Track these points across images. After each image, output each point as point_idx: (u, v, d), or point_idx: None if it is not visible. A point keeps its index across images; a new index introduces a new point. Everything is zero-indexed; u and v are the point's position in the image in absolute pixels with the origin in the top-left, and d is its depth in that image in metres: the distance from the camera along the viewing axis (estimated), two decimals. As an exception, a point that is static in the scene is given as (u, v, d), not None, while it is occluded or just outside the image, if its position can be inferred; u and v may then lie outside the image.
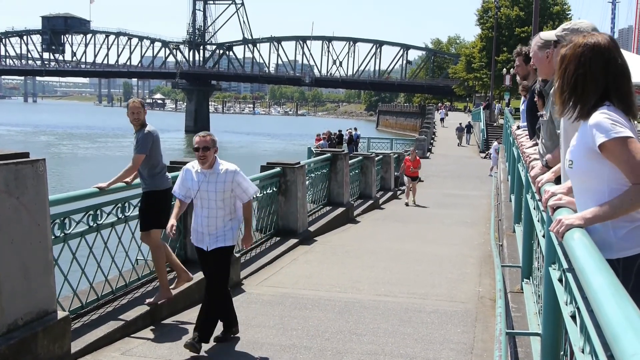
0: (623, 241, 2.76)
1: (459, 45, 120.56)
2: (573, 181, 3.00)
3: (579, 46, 2.90)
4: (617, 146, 2.69)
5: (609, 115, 2.76)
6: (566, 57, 2.93)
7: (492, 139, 43.28)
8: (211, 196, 6.08)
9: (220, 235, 6.12)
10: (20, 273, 4.96)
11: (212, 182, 6.07)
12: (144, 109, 6.97)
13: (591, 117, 2.81)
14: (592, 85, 2.85)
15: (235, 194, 6.18)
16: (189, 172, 6.21)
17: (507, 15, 72.59)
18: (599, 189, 2.81)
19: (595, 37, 2.92)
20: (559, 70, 2.97)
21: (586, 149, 2.82)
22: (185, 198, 6.27)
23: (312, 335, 6.41)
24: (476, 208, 17.93)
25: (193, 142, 6.07)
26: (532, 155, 5.07)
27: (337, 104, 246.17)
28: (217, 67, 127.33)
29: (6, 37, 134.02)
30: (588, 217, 2.73)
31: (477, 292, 8.29)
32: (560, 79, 2.96)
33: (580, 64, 2.87)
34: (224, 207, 6.12)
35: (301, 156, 27.06)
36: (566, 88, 2.91)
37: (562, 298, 3.13)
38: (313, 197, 13.91)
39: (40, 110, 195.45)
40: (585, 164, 2.85)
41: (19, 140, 72.24)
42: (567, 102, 2.91)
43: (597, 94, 2.84)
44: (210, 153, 6.02)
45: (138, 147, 6.76)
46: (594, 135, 2.75)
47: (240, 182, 6.15)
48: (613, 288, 1.83)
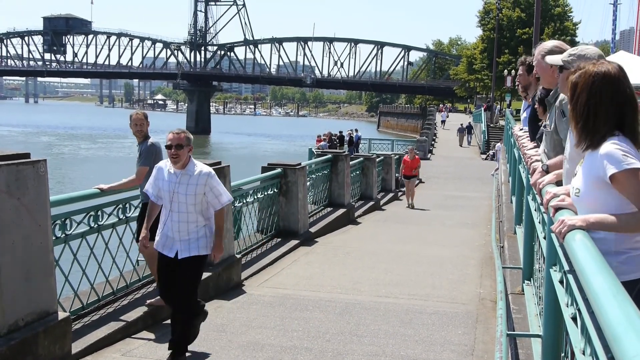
0: (624, 265, 2.77)
1: (460, 46, 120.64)
2: (580, 209, 2.99)
3: (590, 75, 2.89)
4: (628, 178, 2.70)
5: (620, 146, 2.77)
6: (578, 86, 2.92)
7: (493, 140, 43.37)
8: (182, 199, 5.65)
9: (194, 242, 5.69)
10: (21, 274, 4.96)
11: (184, 183, 5.67)
12: (147, 120, 6.97)
13: (602, 147, 2.81)
14: (604, 115, 2.85)
15: (207, 199, 5.74)
16: (161, 171, 5.81)
17: (509, 17, 72.57)
18: None
19: (605, 66, 2.92)
20: (571, 100, 2.97)
21: (595, 178, 2.83)
22: (157, 199, 5.83)
23: (312, 337, 6.41)
24: (477, 209, 17.93)
25: (166, 139, 5.70)
26: (534, 157, 5.07)
27: (338, 105, 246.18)
28: (219, 68, 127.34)
29: (7, 38, 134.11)
30: (591, 221, 2.73)
31: (478, 293, 8.29)
32: (572, 109, 2.96)
33: (591, 93, 2.87)
34: (196, 211, 5.69)
35: (302, 157, 27.06)
36: (579, 119, 2.91)
37: (562, 299, 3.13)
38: (314, 198, 13.91)
39: (41, 111, 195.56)
40: (594, 194, 2.86)
41: (20, 141, 72.29)
42: (581, 133, 2.91)
43: (608, 124, 2.84)
44: (183, 152, 5.64)
45: (142, 160, 6.77)
46: (604, 165, 2.76)
47: (213, 187, 5.74)
48: (614, 289, 1.83)
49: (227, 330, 6.55)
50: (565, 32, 70.39)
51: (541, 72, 4.75)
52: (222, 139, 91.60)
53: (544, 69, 4.65)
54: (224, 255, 8.23)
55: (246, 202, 9.86)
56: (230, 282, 8.30)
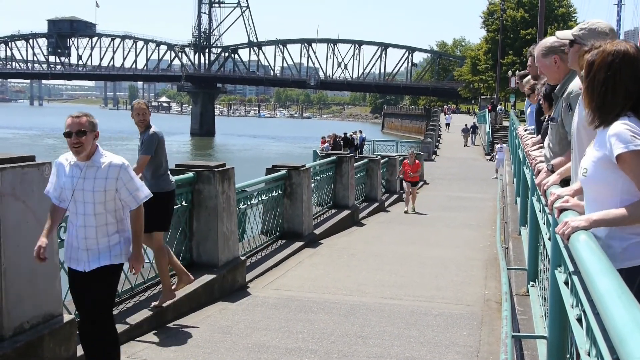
0: (628, 252, 2.75)
1: (464, 47, 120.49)
2: (586, 190, 2.97)
3: (608, 54, 2.83)
4: (634, 159, 2.66)
5: (630, 126, 2.72)
6: (595, 65, 2.86)
7: (498, 141, 43.33)
8: (88, 197, 4.68)
9: (104, 251, 4.73)
10: (27, 276, 4.97)
11: (90, 178, 4.68)
12: (149, 110, 6.98)
13: (611, 126, 2.77)
14: (622, 94, 2.79)
15: (120, 197, 4.77)
16: (62, 167, 4.81)
17: (513, 18, 72.51)
18: (612, 199, 2.79)
19: (622, 44, 2.86)
20: (586, 78, 2.90)
21: (602, 158, 2.80)
22: (60, 201, 4.80)
23: (317, 339, 6.41)
24: (481, 211, 17.91)
25: (64, 126, 4.70)
26: (538, 158, 5.06)
27: (343, 107, 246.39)
28: (223, 70, 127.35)
29: (12, 41, 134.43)
30: (594, 219, 2.72)
31: (482, 294, 8.28)
32: (588, 87, 2.90)
33: (609, 72, 2.81)
34: (107, 212, 4.74)
35: (306, 159, 27.06)
36: (595, 97, 2.85)
37: (568, 301, 3.12)
38: (318, 199, 13.91)
39: (46, 114, 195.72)
40: (600, 174, 2.82)
41: (25, 144, 72.45)
42: (596, 111, 2.86)
43: (625, 103, 2.79)
44: (87, 139, 4.66)
45: (143, 149, 6.77)
46: (612, 144, 2.72)
47: (127, 181, 4.75)
48: (619, 290, 1.82)
49: (232, 332, 6.55)
50: (569, 33, 70.23)
51: (544, 70, 4.73)
52: (227, 140, 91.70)
53: (547, 66, 4.63)
54: (229, 256, 8.26)
55: (251, 204, 9.87)
56: (235, 284, 8.31)
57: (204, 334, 6.47)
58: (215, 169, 8.08)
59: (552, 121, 4.56)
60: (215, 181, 7.99)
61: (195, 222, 8.10)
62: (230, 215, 8.37)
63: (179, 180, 7.70)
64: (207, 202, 8.04)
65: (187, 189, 7.95)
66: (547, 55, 4.59)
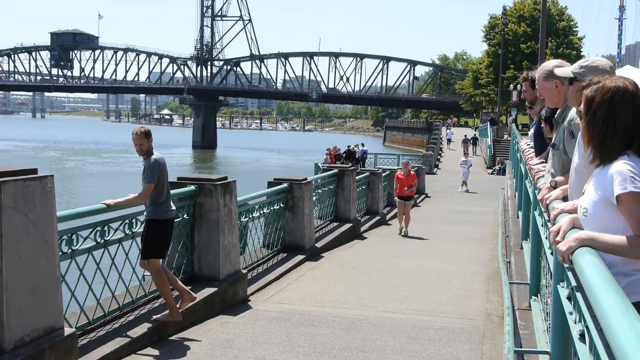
0: (632, 286, 2.72)
1: (465, 61, 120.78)
2: (587, 229, 2.95)
3: (608, 90, 2.81)
4: (632, 200, 2.65)
5: (632, 166, 2.70)
6: (594, 101, 2.84)
7: (499, 155, 43.42)
8: None
9: None
10: (28, 289, 4.97)
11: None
12: (148, 137, 6.86)
13: (613, 166, 2.75)
14: (621, 131, 2.78)
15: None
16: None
17: (514, 31, 72.70)
18: None
19: (622, 81, 2.85)
20: (586, 114, 2.89)
21: (602, 199, 2.78)
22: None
23: (318, 353, 6.38)
24: (483, 224, 17.88)
25: None
26: (541, 172, 5.06)
27: (344, 120, 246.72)
28: (225, 82, 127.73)
29: (15, 53, 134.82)
30: (582, 237, 2.69)
31: (484, 309, 8.25)
32: (588, 125, 2.88)
33: (610, 109, 2.79)
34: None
35: (308, 172, 27.07)
36: (596, 135, 2.83)
37: (570, 316, 3.11)
38: (320, 213, 13.90)
39: (48, 126, 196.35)
40: (601, 214, 2.80)
41: (28, 156, 72.57)
42: (598, 149, 2.84)
43: (625, 141, 2.78)
44: None
45: (147, 177, 6.73)
46: (612, 185, 2.70)
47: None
48: (623, 307, 1.81)
49: (233, 346, 6.53)
50: (571, 46, 70.51)
51: (545, 93, 4.73)
52: (228, 153, 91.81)
53: (548, 90, 4.63)
54: (230, 270, 8.24)
55: (252, 217, 9.86)
56: (236, 297, 8.29)
57: (205, 347, 6.45)
58: (217, 182, 8.08)
59: (554, 147, 4.56)
60: (217, 194, 7.99)
61: (197, 235, 8.09)
62: (231, 228, 8.36)
63: (181, 193, 7.70)
64: (208, 215, 8.04)
65: (188, 202, 7.94)
66: (548, 78, 4.59)
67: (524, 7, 75.03)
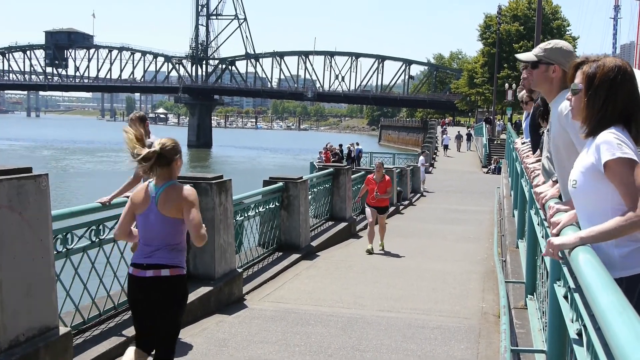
0: (626, 260, 2.72)
1: (461, 60, 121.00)
2: (576, 201, 2.96)
3: (610, 69, 2.84)
4: (620, 166, 2.66)
5: (617, 135, 2.73)
6: (596, 78, 2.86)
7: (495, 154, 43.49)
8: None
9: None
10: (23, 289, 4.95)
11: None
12: (142, 122, 6.81)
13: (599, 135, 2.77)
14: (618, 109, 2.81)
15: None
16: None
17: (508, 31, 72.82)
18: (602, 209, 2.77)
19: (619, 61, 2.90)
20: (586, 91, 2.90)
21: (591, 168, 2.79)
22: None
23: (314, 352, 6.38)
24: (479, 223, 17.89)
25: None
26: (537, 171, 5.06)
27: (340, 119, 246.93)
28: (220, 81, 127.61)
29: (10, 52, 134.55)
30: (581, 236, 2.70)
31: (480, 307, 8.26)
32: (589, 101, 2.88)
33: (612, 88, 2.82)
34: None
35: (304, 171, 27.06)
36: (596, 112, 2.85)
37: (567, 315, 3.10)
38: (315, 211, 13.90)
39: (43, 125, 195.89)
40: (589, 184, 2.81)
41: (22, 155, 72.33)
42: (594, 125, 2.86)
43: (621, 117, 2.81)
44: None
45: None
46: (599, 153, 2.72)
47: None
48: (621, 306, 1.81)
49: (228, 345, 6.52)
50: (565, 45, 70.57)
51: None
52: (224, 152, 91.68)
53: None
54: (226, 269, 8.23)
55: (248, 216, 9.85)
56: (232, 296, 8.27)
57: (201, 346, 6.43)
58: (213, 181, 8.06)
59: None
60: (212, 193, 7.96)
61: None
62: (227, 227, 8.34)
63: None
64: (204, 214, 7.95)
65: (184, 201, 7.90)
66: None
67: (518, 6, 75.17)
